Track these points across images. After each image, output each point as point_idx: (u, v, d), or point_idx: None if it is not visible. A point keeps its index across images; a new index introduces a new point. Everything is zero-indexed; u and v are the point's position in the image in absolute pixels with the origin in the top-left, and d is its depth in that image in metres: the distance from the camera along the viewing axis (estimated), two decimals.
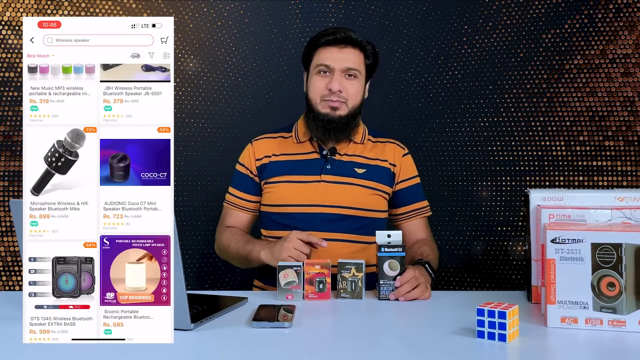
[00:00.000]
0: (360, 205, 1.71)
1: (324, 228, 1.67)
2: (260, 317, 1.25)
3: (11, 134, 2.27)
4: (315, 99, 1.70)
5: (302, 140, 1.77)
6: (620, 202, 1.36)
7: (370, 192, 1.72)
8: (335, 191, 1.70)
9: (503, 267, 2.33)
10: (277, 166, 1.75)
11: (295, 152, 1.76)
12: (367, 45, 1.73)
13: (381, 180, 1.74)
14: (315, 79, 1.70)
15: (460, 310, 1.33)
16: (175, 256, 1.09)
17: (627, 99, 2.26)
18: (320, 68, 1.69)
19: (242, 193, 1.79)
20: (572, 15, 2.28)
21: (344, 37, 1.68)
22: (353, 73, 1.69)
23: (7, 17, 2.26)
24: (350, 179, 1.72)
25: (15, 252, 2.27)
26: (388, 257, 1.45)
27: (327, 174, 1.72)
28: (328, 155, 1.74)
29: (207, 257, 2.34)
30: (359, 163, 1.74)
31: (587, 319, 1.19)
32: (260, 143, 1.80)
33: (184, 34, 2.32)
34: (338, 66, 1.67)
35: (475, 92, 2.33)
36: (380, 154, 1.77)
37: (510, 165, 2.32)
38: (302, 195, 1.70)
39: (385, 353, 1.08)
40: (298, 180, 1.72)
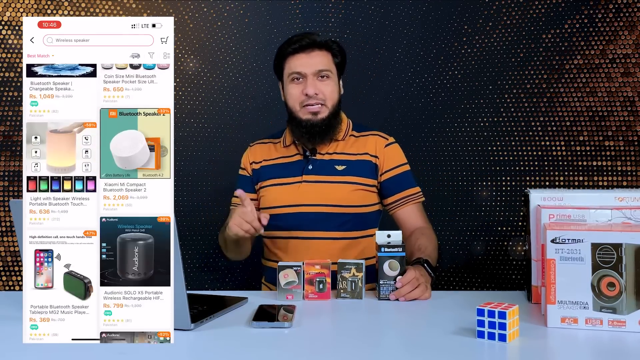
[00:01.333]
0: (343, 202, 1.73)
1: (310, 227, 1.72)
2: (260, 317, 1.25)
3: (11, 134, 2.27)
4: (295, 107, 1.75)
5: (287, 144, 1.83)
6: (620, 202, 1.36)
7: (352, 187, 1.75)
8: (317, 190, 1.74)
9: (503, 267, 2.33)
10: (267, 171, 1.82)
11: (281, 156, 1.82)
12: (333, 45, 1.78)
13: (362, 174, 1.76)
14: (291, 86, 1.75)
15: (460, 310, 1.33)
16: (175, 256, 1.09)
17: (627, 99, 2.26)
18: (293, 76, 1.74)
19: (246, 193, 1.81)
20: (572, 15, 2.28)
21: (309, 42, 1.74)
22: (325, 74, 1.74)
23: (7, 17, 2.26)
24: (331, 177, 1.75)
25: (15, 252, 2.27)
26: (388, 257, 1.45)
27: (308, 174, 1.76)
28: (309, 155, 1.78)
29: (207, 257, 2.34)
30: (339, 160, 1.77)
31: (587, 319, 1.19)
32: (254, 148, 1.88)
33: (184, 34, 2.32)
34: (309, 70, 1.72)
35: (475, 92, 2.33)
36: (361, 148, 1.79)
37: (510, 165, 2.32)
38: (286, 196, 1.76)
39: (385, 353, 1.08)
40: (282, 182, 1.78)
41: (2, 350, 1.10)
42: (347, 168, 1.76)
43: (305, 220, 1.73)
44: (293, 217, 1.74)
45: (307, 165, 1.77)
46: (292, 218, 1.74)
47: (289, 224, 1.74)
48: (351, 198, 1.74)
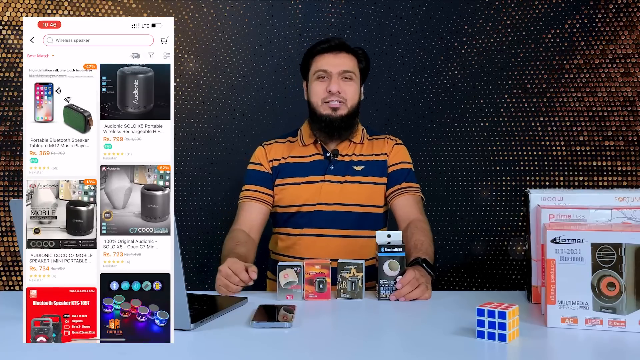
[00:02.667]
0: (361, 201, 1.80)
1: (329, 225, 1.78)
2: (260, 317, 1.25)
3: (11, 134, 2.27)
4: (317, 102, 1.81)
5: (306, 143, 1.87)
6: (620, 202, 1.36)
7: (369, 187, 1.81)
8: (338, 189, 1.80)
9: (503, 267, 2.33)
10: (287, 168, 1.85)
11: (301, 155, 1.86)
12: (359, 51, 1.86)
13: (377, 173, 1.83)
14: (315, 84, 1.82)
15: (460, 310, 1.33)
16: (175, 256, 1.09)
17: (627, 99, 2.26)
18: (319, 74, 1.81)
19: (259, 187, 1.84)
20: (572, 15, 2.28)
21: (338, 44, 1.82)
22: (349, 75, 1.80)
23: (7, 17, 2.26)
24: (351, 177, 1.81)
25: (15, 252, 2.27)
26: (388, 257, 1.45)
27: (330, 174, 1.81)
28: (331, 156, 1.83)
29: (207, 257, 2.34)
30: (358, 161, 1.84)
31: (587, 319, 1.19)
32: (272, 147, 1.90)
33: (184, 34, 2.32)
34: (335, 70, 1.79)
35: (475, 92, 2.33)
36: (375, 149, 1.87)
37: (510, 165, 2.32)
38: (308, 195, 1.80)
39: (385, 353, 1.08)
40: (304, 181, 1.82)
41: (2, 350, 1.10)
42: (365, 168, 1.83)
43: (325, 218, 1.78)
44: (314, 215, 1.79)
45: (329, 166, 1.82)
46: (313, 216, 1.79)
47: (309, 222, 1.79)
48: (370, 197, 1.81)
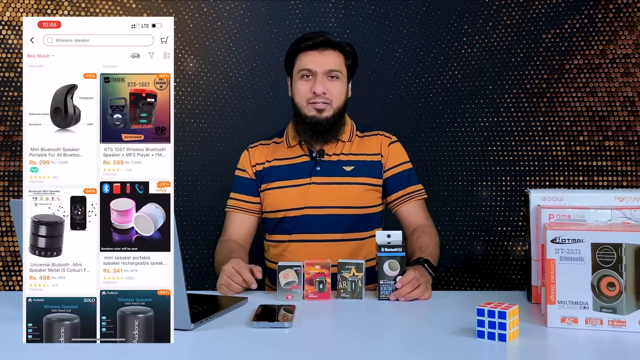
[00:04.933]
0: (352, 203, 1.73)
1: (319, 229, 1.72)
2: (260, 317, 1.25)
3: (11, 134, 2.27)
4: (301, 103, 1.75)
5: (292, 144, 1.81)
6: (620, 202, 1.36)
7: (361, 187, 1.75)
8: (326, 192, 1.74)
9: (503, 267, 2.33)
10: (271, 172, 1.79)
11: (286, 157, 1.80)
12: (346, 47, 1.77)
13: (370, 173, 1.76)
14: (299, 83, 1.75)
15: (460, 310, 1.33)
16: (175, 256, 1.09)
17: (627, 99, 2.26)
18: (303, 72, 1.73)
19: (244, 196, 1.81)
20: (572, 15, 2.28)
21: (323, 41, 1.73)
22: (335, 74, 1.73)
23: (7, 17, 2.26)
24: (340, 178, 1.74)
25: (15, 252, 2.27)
26: (388, 257, 1.45)
27: (317, 175, 1.75)
28: (317, 157, 1.77)
29: (207, 257, 2.34)
30: (347, 161, 1.77)
31: (587, 319, 1.19)
32: (255, 150, 1.84)
33: (184, 34, 2.32)
34: (320, 69, 1.71)
35: (475, 92, 2.33)
36: (367, 148, 1.80)
37: (510, 165, 2.32)
38: (294, 199, 1.74)
39: (385, 353, 1.08)
40: (290, 184, 1.76)
41: (2, 350, 1.10)
42: (356, 169, 1.76)
43: (315, 223, 1.72)
44: (302, 219, 1.73)
45: (315, 167, 1.76)
46: (301, 220, 1.73)
47: (297, 227, 1.73)
48: (360, 199, 1.74)
